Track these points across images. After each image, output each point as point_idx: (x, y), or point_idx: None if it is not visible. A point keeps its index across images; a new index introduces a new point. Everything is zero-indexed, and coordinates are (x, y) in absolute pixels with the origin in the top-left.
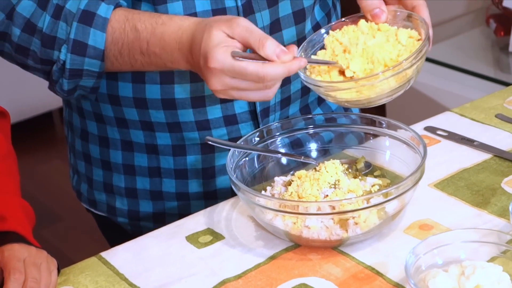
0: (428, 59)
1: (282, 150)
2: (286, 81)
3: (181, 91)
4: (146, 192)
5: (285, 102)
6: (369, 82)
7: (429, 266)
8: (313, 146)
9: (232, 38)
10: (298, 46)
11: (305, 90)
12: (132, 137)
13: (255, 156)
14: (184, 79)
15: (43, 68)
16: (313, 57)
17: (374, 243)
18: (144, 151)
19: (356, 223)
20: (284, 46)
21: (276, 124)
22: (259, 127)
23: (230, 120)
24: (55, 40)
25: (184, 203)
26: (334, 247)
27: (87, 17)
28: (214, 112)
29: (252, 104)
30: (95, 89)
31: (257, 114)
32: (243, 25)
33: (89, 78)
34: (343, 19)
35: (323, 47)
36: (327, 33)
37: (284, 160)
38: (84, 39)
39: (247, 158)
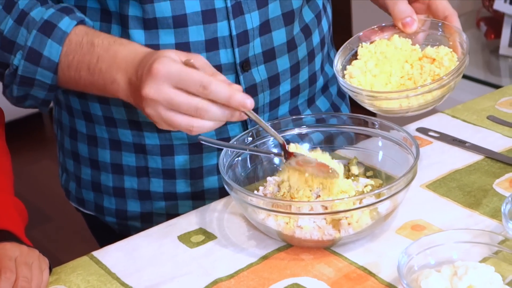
0: None
1: (275, 150)
2: (275, 82)
3: None
4: (134, 191)
5: (274, 103)
6: (424, 90)
7: (421, 266)
8: (305, 147)
9: (186, 64)
10: (288, 48)
11: (295, 92)
12: (120, 136)
13: (248, 156)
14: None
15: None
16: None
17: (366, 243)
18: (132, 151)
19: (349, 224)
20: (274, 48)
21: (269, 124)
22: (247, 128)
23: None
24: (14, 45)
25: (172, 203)
26: (326, 247)
27: (48, 28)
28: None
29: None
30: (47, 102)
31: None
32: (201, 57)
33: (40, 89)
34: (374, 27)
35: (355, 56)
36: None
37: (276, 160)
38: (40, 49)
39: (239, 158)
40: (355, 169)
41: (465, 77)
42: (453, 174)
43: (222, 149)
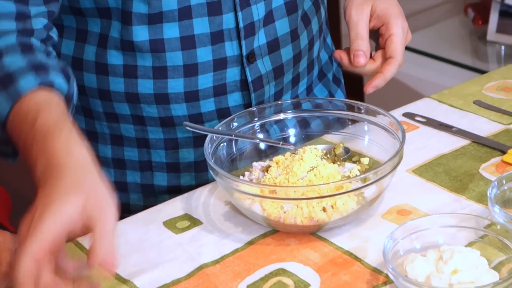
0: (407, 48)
1: (260, 135)
2: (280, 73)
3: (174, 85)
4: (137, 185)
5: (278, 94)
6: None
7: (407, 251)
8: (291, 132)
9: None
10: (291, 37)
11: (295, 81)
12: (122, 131)
13: (233, 141)
14: (177, 73)
15: None
16: None
17: (352, 229)
18: (134, 145)
19: (334, 208)
20: (278, 38)
21: (254, 109)
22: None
23: (224, 113)
24: None
25: (175, 196)
26: (312, 233)
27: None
28: (208, 106)
29: (246, 97)
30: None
31: (251, 107)
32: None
33: None
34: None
35: None
36: None
37: (262, 145)
38: None
39: (225, 144)
40: (338, 150)
41: (452, 63)
42: (440, 158)
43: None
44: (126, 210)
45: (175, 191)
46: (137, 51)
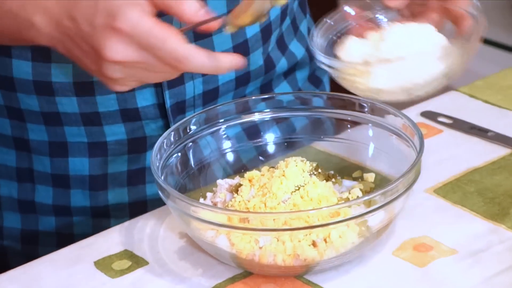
0: None
1: (227, 143)
2: None
3: (60, 72)
4: (13, 201)
5: (210, 95)
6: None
7: None
8: (270, 137)
9: None
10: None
11: (243, 80)
12: None
13: (191, 152)
14: (65, 57)
15: None
16: None
17: (353, 270)
18: (11, 146)
19: (328, 242)
20: None
21: (222, 106)
22: (169, 126)
23: (130, 115)
24: None
25: (64, 219)
26: (298, 276)
27: None
28: (107, 104)
29: (160, 97)
30: None
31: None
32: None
33: None
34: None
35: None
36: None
37: (230, 156)
38: None
39: (179, 154)
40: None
41: (488, 42)
42: (471, 174)
43: (138, 152)
44: None
45: (63, 212)
46: None
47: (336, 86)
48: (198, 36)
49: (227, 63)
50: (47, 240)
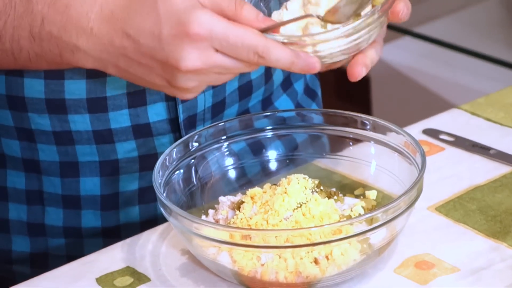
0: (426, 39)
1: (230, 160)
2: None
3: (73, 89)
4: (23, 224)
5: (218, 107)
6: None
7: None
8: (272, 154)
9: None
10: None
11: (246, 90)
12: (4, 148)
13: (193, 169)
14: (78, 73)
15: None
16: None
17: (354, 287)
18: (21, 169)
19: (330, 260)
20: None
21: (223, 124)
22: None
23: (141, 131)
24: None
25: (75, 241)
26: None
27: None
28: (120, 120)
29: (173, 111)
30: None
31: (179, 123)
32: None
33: None
34: None
35: None
36: None
37: (232, 173)
38: None
39: (181, 171)
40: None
41: (489, 59)
42: (473, 192)
43: (149, 169)
44: (6, 260)
45: (74, 234)
46: None
47: (327, 99)
48: None
49: (304, 58)
50: (57, 263)
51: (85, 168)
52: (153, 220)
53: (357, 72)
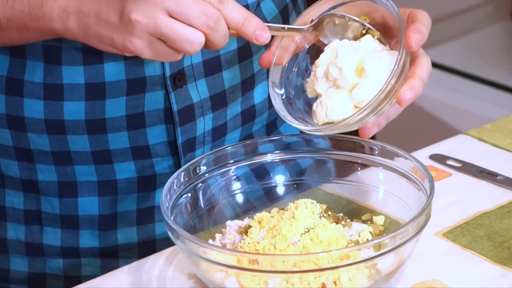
0: (434, 65)
1: (237, 185)
2: (221, 103)
3: (72, 110)
4: (20, 244)
5: (219, 131)
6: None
7: None
8: (279, 179)
9: None
10: (240, 56)
11: (249, 115)
12: (2, 168)
13: (200, 193)
14: (77, 94)
15: None
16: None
17: None
18: (19, 189)
19: (338, 285)
20: (220, 57)
21: (231, 148)
22: (180, 164)
23: (140, 152)
24: None
25: (73, 261)
26: None
27: None
28: (119, 141)
29: (172, 134)
30: None
31: (177, 146)
32: None
33: None
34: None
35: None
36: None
37: (240, 197)
38: None
39: (189, 195)
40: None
41: (495, 85)
42: (480, 218)
43: (148, 190)
44: (4, 279)
45: (71, 254)
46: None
47: None
48: (209, 72)
49: (258, 21)
50: (55, 283)
51: (84, 188)
52: (151, 241)
53: (368, 132)
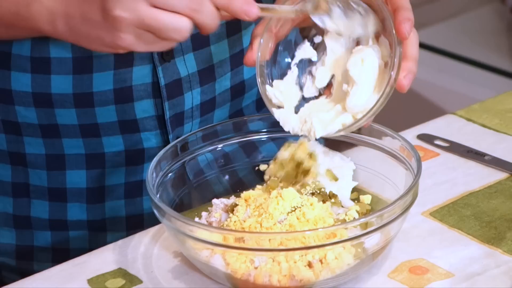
0: (423, 46)
1: (225, 161)
2: (209, 77)
3: (60, 83)
4: (8, 217)
5: (207, 105)
6: None
7: None
8: (267, 156)
9: None
10: (228, 31)
11: (238, 90)
12: None
13: (186, 168)
14: (64, 68)
15: None
16: None
17: None
18: (7, 161)
19: (324, 263)
20: None
21: (220, 125)
22: (169, 139)
23: (128, 126)
24: None
25: (60, 234)
26: None
27: None
28: (106, 115)
29: (159, 108)
30: None
31: (165, 120)
32: None
33: None
34: None
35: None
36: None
37: (227, 174)
38: None
39: (176, 172)
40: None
41: (484, 67)
42: (467, 197)
43: (136, 164)
44: None
45: (59, 227)
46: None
47: None
48: (197, 46)
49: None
50: (43, 255)
51: (72, 161)
52: (139, 215)
53: (406, 82)
